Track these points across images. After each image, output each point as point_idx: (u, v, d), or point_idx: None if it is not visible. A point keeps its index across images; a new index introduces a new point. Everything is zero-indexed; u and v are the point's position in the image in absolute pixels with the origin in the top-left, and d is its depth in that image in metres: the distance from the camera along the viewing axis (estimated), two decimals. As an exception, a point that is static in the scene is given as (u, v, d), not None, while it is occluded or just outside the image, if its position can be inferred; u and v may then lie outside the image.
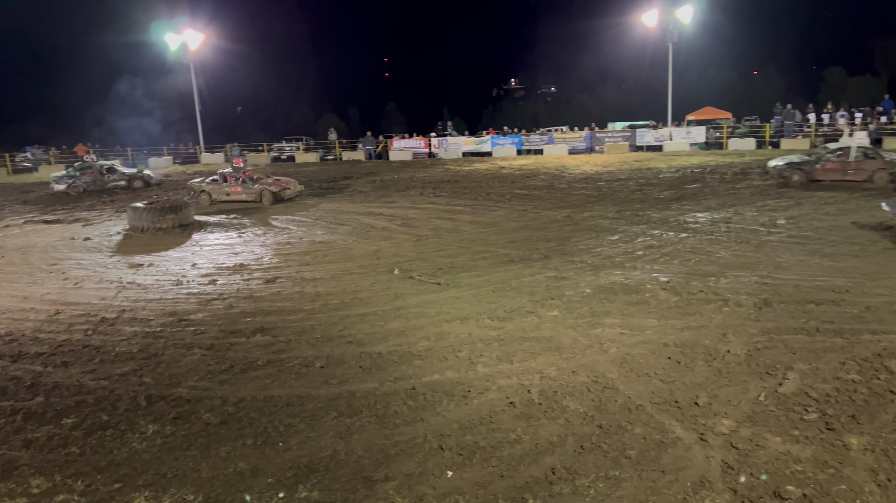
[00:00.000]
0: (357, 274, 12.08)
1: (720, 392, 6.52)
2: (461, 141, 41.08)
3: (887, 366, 6.86)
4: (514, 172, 28.83)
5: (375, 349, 8.11)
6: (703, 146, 36.24)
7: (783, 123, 35.66)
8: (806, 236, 13.38)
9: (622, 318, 8.83)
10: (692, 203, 18.33)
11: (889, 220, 13.82)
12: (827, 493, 4.78)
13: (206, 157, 43.10)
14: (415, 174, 30.26)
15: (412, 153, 40.59)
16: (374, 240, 15.42)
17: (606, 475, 5.17)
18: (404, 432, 6.01)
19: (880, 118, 34.32)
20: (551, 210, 18.31)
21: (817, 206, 16.78)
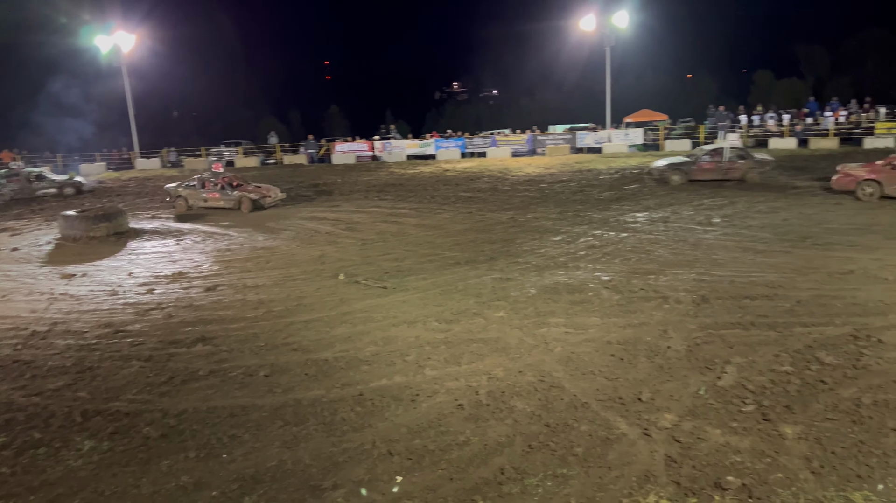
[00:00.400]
0: (301, 280, 11.91)
1: (662, 387, 6.68)
2: (405, 144, 41.01)
3: (818, 357, 7.16)
4: (459, 175, 28.95)
5: (321, 356, 8.01)
6: (641, 147, 37.16)
7: (716, 125, 36.88)
8: (740, 234, 13.86)
9: (566, 318, 8.96)
10: (631, 203, 18.76)
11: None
12: (765, 482, 4.95)
13: (141, 163, 41.80)
14: (359, 177, 30.06)
15: (355, 156, 40.29)
16: (318, 244, 15.23)
17: (554, 473, 5.23)
18: (352, 439, 5.95)
19: (806, 119, 35.86)
20: (496, 212, 18.45)
21: (750, 204, 17.40)
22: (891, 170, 16.81)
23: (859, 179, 17.18)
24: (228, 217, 20.00)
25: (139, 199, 26.02)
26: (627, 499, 4.85)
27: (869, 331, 7.82)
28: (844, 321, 8.20)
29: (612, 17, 38.35)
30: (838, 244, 12.39)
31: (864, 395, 6.23)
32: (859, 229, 13.63)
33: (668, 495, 4.87)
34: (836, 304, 8.86)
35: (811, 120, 35.71)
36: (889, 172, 16.79)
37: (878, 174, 16.94)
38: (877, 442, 5.42)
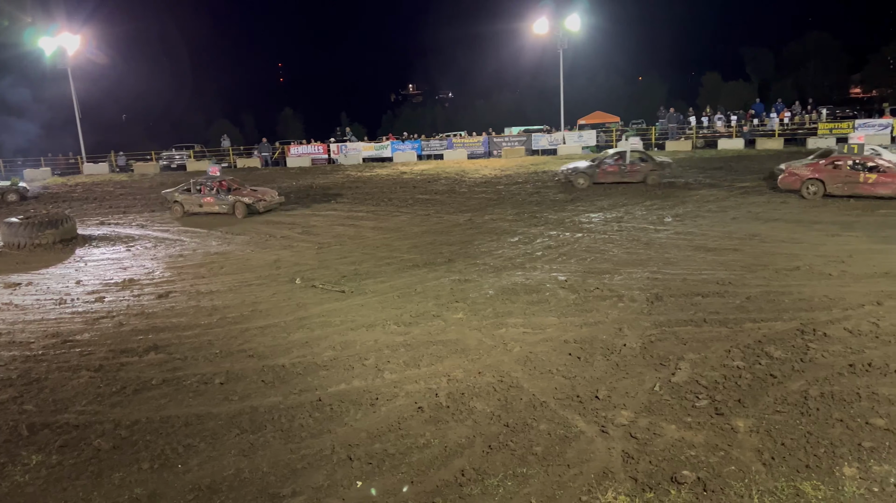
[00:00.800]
0: (256, 285, 11.74)
1: (618, 384, 6.78)
2: (361, 146, 40.83)
3: (767, 351, 7.37)
4: (416, 177, 28.94)
5: (278, 362, 7.90)
6: (594, 149, 37.73)
7: (667, 126, 37.70)
8: (691, 232, 14.18)
9: (524, 318, 9.02)
10: (586, 204, 19.02)
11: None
12: (719, 475, 5.07)
13: (88, 168, 40.64)
14: (314, 181, 29.79)
15: (311, 159, 39.93)
16: (274, 249, 15.04)
17: (514, 473, 5.26)
18: (311, 445, 5.88)
19: (753, 120, 36.93)
20: (453, 214, 18.50)
21: (700, 203, 17.83)
22: (833, 169, 17.43)
23: (804, 179, 17.76)
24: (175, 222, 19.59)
25: (87, 205, 25.29)
26: (586, 497, 4.90)
27: (815, 325, 8.08)
28: (792, 316, 8.45)
29: (564, 21, 38.83)
30: (785, 241, 12.78)
31: (811, 388, 6.43)
32: (804, 227, 14.08)
33: (626, 491, 4.94)
34: (783, 300, 9.13)
35: (757, 121, 36.79)
36: (831, 172, 17.40)
37: (821, 174, 17.54)
38: (824, 432, 5.61)
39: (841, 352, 7.24)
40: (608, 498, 4.87)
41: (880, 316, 8.29)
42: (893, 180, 16.45)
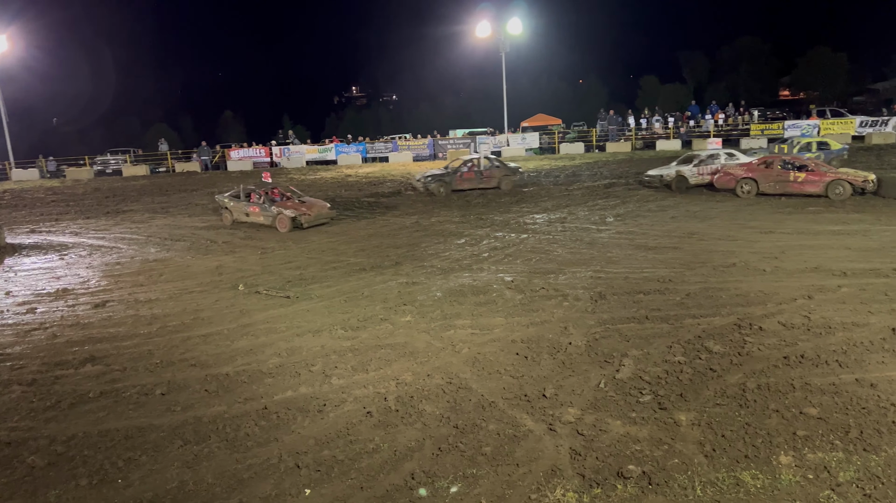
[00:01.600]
0: (198, 292, 11.45)
1: (565, 382, 6.88)
2: (304, 149, 40.35)
3: (707, 346, 7.60)
4: (361, 180, 28.77)
5: (222, 370, 7.72)
6: (538, 151, 38.26)
7: (607, 128, 38.51)
8: (632, 231, 14.51)
9: (472, 319, 9.07)
10: (530, 205, 19.25)
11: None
12: (663, 468, 5.19)
13: (17, 174, 38.98)
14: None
15: (252, 162, 39.24)
16: (216, 254, 14.70)
17: (464, 474, 5.27)
18: (258, 454, 5.77)
19: (689, 122, 38.06)
20: (399, 216, 18.46)
21: (641, 203, 18.26)
22: (765, 168, 18.11)
23: (738, 178, 18.40)
24: (115, 228, 18.94)
25: (16, 213, 24.23)
26: (536, 495, 4.95)
27: (751, 319, 8.37)
28: (729, 311, 8.74)
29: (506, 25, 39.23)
30: (721, 239, 13.20)
31: (748, 380, 6.66)
32: (739, 225, 14.59)
33: (574, 487, 5.01)
34: (721, 296, 9.43)
35: (693, 122, 37.95)
36: (764, 171, 18.08)
37: (754, 173, 18.21)
38: (761, 423, 5.81)
39: (776, 345, 7.52)
40: (557, 495, 4.93)
41: (811, 309, 8.65)
42: (821, 179, 17.20)
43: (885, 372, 6.69)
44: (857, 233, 13.10)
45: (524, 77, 62.32)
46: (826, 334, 7.77)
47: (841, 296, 9.15)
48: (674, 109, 45.22)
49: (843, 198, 16.78)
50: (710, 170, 19.80)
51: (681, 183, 19.79)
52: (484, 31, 40.77)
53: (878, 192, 16.89)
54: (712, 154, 20.45)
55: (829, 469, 5.05)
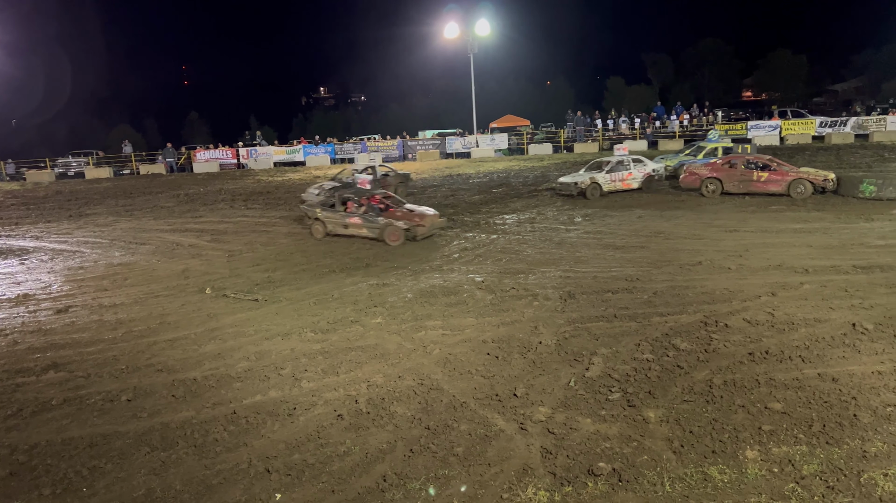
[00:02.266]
0: (164, 296, 11.26)
1: (535, 382, 6.92)
2: (272, 150, 39.97)
3: (674, 343, 7.71)
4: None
5: (189, 375, 7.60)
6: (507, 152, 38.45)
7: (575, 129, 38.85)
8: (600, 231, 14.66)
9: (443, 320, 9.07)
10: (500, 206, 19.33)
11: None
12: (633, 465, 5.25)
13: (-26, 176, 37.89)
14: (223, 186, 28.91)
15: (219, 164, 38.75)
16: (182, 258, 14.47)
17: (436, 475, 5.27)
18: (226, 459, 5.69)
19: (655, 122, 38.59)
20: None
21: (608, 203, 18.46)
22: (729, 168, 18.43)
23: (703, 178, 18.69)
24: (76, 232, 18.52)
25: (-27, 216, 23.55)
26: (507, 494, 4.97)
27: (717, 317, 8.52)
28: (696, 309, 8.88)
29: (474, 26, 39.35)
30: (687, 238, 13.41)
31: (715, 377, 6.77)
32: (704, 223, 14.82)
33: (546, 486, 5.04)
34: (687, 294, 9.57)
35: (659, 123, 38.48)
36: (728, 171, 18.40)
37: (718, 173, 18.52)
38: (728, 419, 5.91)
39: (741, 342, 7.66)
40: (528, 494, 4.95)
41: (775, 306, 8.83)
42: (783, 178, 17.57)
43: (846, 366, 6.86)
44: (818, 231, 13.41)
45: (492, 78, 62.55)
46: (789, 330, 7.94)
47: (803, 292, 9.36)
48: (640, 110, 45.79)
49: (805, 196, 17.16)
50: (621, 176, 19.81)
51: (595, 190, 19.41)
52: (452, 33, 40.84)
53: (837, 190, 17.32)
54: (620, 160, 20.23)
55: (794, 462, 5.16)
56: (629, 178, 19.94)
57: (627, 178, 19.90)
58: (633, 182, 19.99)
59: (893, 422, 5.69)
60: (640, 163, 20.45)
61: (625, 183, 19.90)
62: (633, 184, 19.97)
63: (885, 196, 16.32)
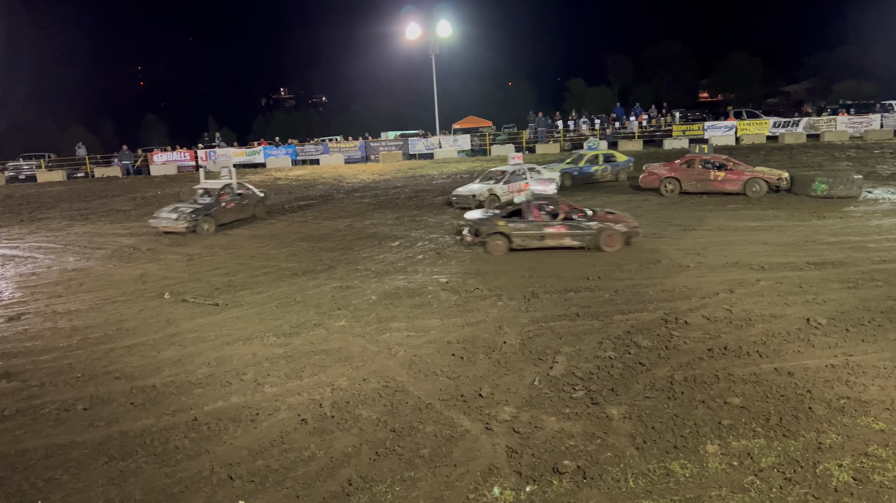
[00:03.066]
0: (121, 302, 11.01)
1: (500, 381, 6.95)
2: (231, 152, 39.39)
3: (635, 341, 7.82)
4: (291, 183, 28.31)
5: (148, 382, 7.44)
6: (470, 153, 38.55)
7: (537, 130, 39.16)
8: (563, 231, 14.76)
9: (408, 321, 9.04)
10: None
11: None
12: (597, 462, 5.31)
13: (-82, 180, 36.52)
14: (181, 189, 28.38)
15: (177, 167, 38.06)
16: (139, 262, 14.16)
17: (402, 478, 5.25)
18: (188, 467, 5.58)
19: (615, 123, 39.12)
20: (332, 220, 18.24)
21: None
22: (687, 168, 18.78)
23: (662, 177, 19.01)
24: (24, 236, 17.94)
25: (-82, 222, 22.68)
26: (473, 495, 4.98)
27: (677, 314, 8.67)
28: (656, 307, 9.02)
29: (435, 27, 39.39)
30: (646, 236, 13.60)
31: (675, 373, 6.89)
32: (664, 222, 15.07)
33: (511, 485, 5.06)
34: (648, 292, 9.72)
35: (619, 124, 39.02)
36: (686, 171, 18.74)
37: (676, 172, 18.85)
38: (688, 414, 6.02)
39: (700, 338, 7.81)
40: (494, 493, 4.96)
41: (733, 303, 9.02)
42: (739, 177, 17.97)
43: (801, 360, 7.05)
44: (774, 228, 13.75)
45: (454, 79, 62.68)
46: (747, 326, 8.12)
47: (760, 289, 9.59)
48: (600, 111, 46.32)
49: (760, 195, 17.59)
50: (518, 187, 17.25)
51: (494, 202, 18.02)
52: (414, 34, 40.81)
53: (790, 189, 17.78)
54: (516, 171, 19.04)
55: (753, 455, 5.27)
56: (526, 189, 18.23)
57: (525, 188, 17.37)
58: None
59: (847, 414, 5.87)
60: (534, 172, 19.43)
61: (521, 193, 18.54)
62: None
63: (836, 194, 16.83)
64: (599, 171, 22.50)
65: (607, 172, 22.57)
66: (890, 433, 5.52)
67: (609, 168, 22.63)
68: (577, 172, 22.27)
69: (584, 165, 22.38)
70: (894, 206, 15.53)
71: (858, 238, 12.45)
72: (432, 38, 39.66)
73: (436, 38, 39.71)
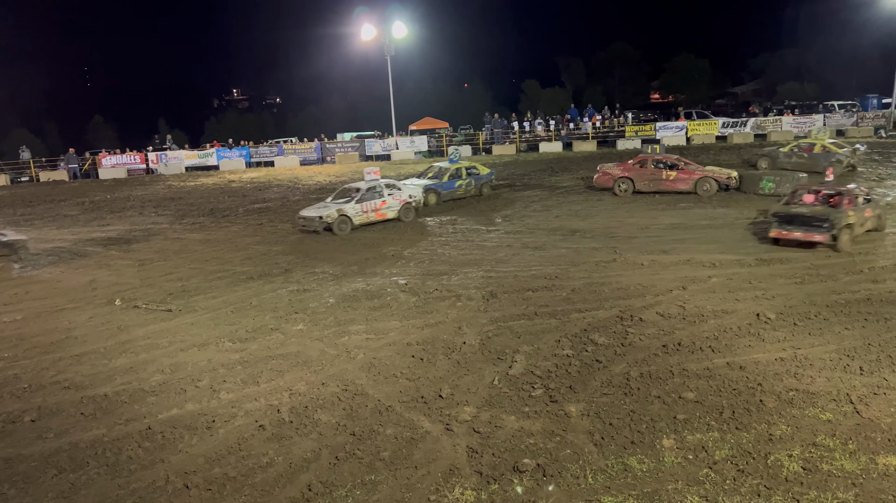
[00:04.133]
0: (70, 309, 10.67)
1: (460, 382, 6.97)
2: (183, 155, 38.57)
3: (592, 338, 7.93)
4: (246, 186, 27.87)
5: (99, 391, 7.24)
6: (427, 154, 38.54)
7: (493, 131, 39.38)
8: (519, 231, 14.91)
9: (367, 324, 8.99)
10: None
11: None
12: (556, 460, 5.36)
13: None
14: (132, 192, 27.69)
15: (126, 170, 37.10)
16: (89, 269, 13.75)
17: (363, 481, 5.22)
18: (142, 477, 5.45)
19: (569, 124, 39.59)
20: (288, 222, 18.01)
21: (526, 204, 18.80)
22: (640, 168, 19.12)
23: (616, 177, 19.32)
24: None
25: None
26: (434, 496, 4.98)
27: (632, 311, 8.82)
28: (612, 304, 9.16)
29: (390, 28, 39.27)
30: (602, 236, 13.82)
31: (632, 369, 7.01)
32: (618, 222, 15.32)
33: (472, 485, 5.08)
34: (604, 290, 9.87)
35: (573, 125, 39.51)
36: (639, 170, 19.09)
37: (630, 172, 19.18)
38: (645, 409, 6.13)
39: (655, 335, 7.96)
40: (455, 494, 4.97)
41: (685, 299, 9.22)
42: (690, 177, 18.38)
43: (752, 354, 7.25)
44: (724, 226, 14.10)
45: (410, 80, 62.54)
46: (699, 322, 8.31)
47: (711, 285, 9.82)
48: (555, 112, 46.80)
49: (710, 193, 18.02)
50: (374, 206, 16.70)
51: (344, 224, 15.98)
52: (369, 34, 40.60)
53: (739, 187, 18.28)
54: (372, 186, 17.03)
55: (707, 448, 5.40)
56: (383, 207, 16.87)
57: (381, 206, 16.86)
58: (389, 211, 16.96)
59: (796, 406, 6.05)
60: (394, 188, 17.51)
61: (378, 213, 16.78)
62: (388, 213, 16.94)
63: (783, 192, 17.30)
64: (464, 186, 20.46)
65: (472, 187, 20.67)
66: (836, 423, 5.72)
67: (473, 182, 20.74)
68: (442, 188, 19.92)
69: (447, 181, 20.20)
70: (837, 204, 16.09)
71: (804, 235, 12.85)
72: (388, 40, 39.50)
73: (391, 40, 39.57)
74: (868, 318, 8.14)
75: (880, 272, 10.09)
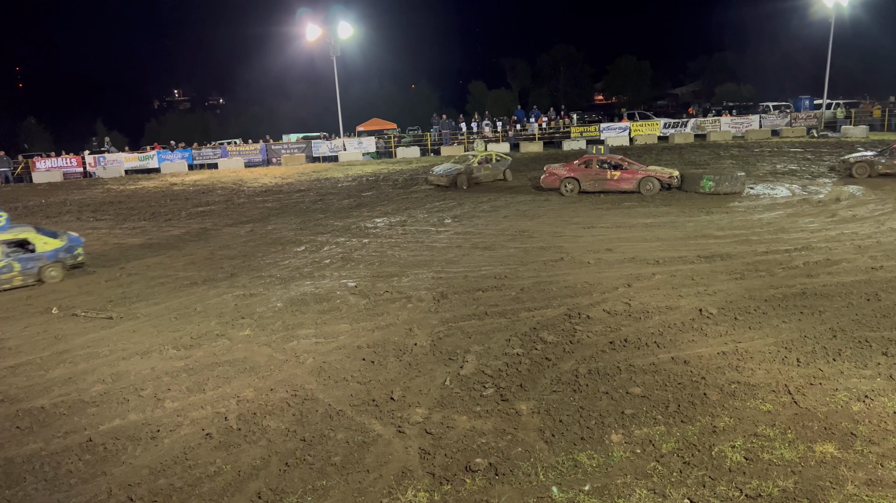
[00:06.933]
0: (2, 319, 10.23)
1: (412, 384, 6.95)
2: (123, 157, 37.46)
3: (541, 337, 8.01)
4: (189, 188, 27.22)
5: (36, 403, 6.95)
6: (375, 155, 38.38)
7: (441, 132, 39.47)
8: (469, 232, 14.98)
9: (316, 328, 8.89)
10: (370, 209, 19.25)
11: None
12: (508, 458, 5.40)
13: None
14: (68, 197, 26.72)
15: (62, 173, 35.81)
16: (23, 276, 13.18)
17: (314, 487, 5.15)
18: (83, 491, 5.25)
19: (516, 125, 39.99)
20: (233, 226, 17.68)
21: (475, 204, 18.90)
22: (585, 168, 19.46)
23: (562, 178, 19.61)
24: None
25: None
26: (387, 499, 4.95)
27: (579, 309, 8.95)
28: (560, 303, 9.29)
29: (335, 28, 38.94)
30: (549, 235, 14.01)
31: (580, 366, 7.11)
32: (564, 221, 15.55)
33: (425, 487, 5.07)
34: (552, 289, 10.00)
35: (520, 126, 39.93)
36: (584, 171, 19.41)
37: (575, 173, 19.50)
38: (593, 405, 6.23)
39: (602, 332, 8.10)
40: (408, 497, 4.96)
41: (631, 296, 9.42)
42: (633, 176, 18.80)
43: (695, 349, 7.45)
44: (666, 224, 14.47)
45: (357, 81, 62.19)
46: (644, 318, 8.50)
47: (655, 282, 10.06)
48: (502, 114, 47.21)
49: (653, 193, 18.47)
50: None
51: None
52: (313, 34, 40.16)
53: (681, 187, 18.79)
54: None
55: (654, 442, 5.52)
56: None
57: None
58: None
59: (737, 398, 6.25)
60: None
61: None
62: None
63: (722, 191, 17.92)
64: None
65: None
66: (776, 413, 5.92)
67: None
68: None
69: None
70: (773, 202, 16.70)
71: (743, 231, 13.31)
72: (333, 40, 39.17)
73: (337, 40, 39.24)
74: (804, 312, 8.46)
75: (814, 267, 10.51)
